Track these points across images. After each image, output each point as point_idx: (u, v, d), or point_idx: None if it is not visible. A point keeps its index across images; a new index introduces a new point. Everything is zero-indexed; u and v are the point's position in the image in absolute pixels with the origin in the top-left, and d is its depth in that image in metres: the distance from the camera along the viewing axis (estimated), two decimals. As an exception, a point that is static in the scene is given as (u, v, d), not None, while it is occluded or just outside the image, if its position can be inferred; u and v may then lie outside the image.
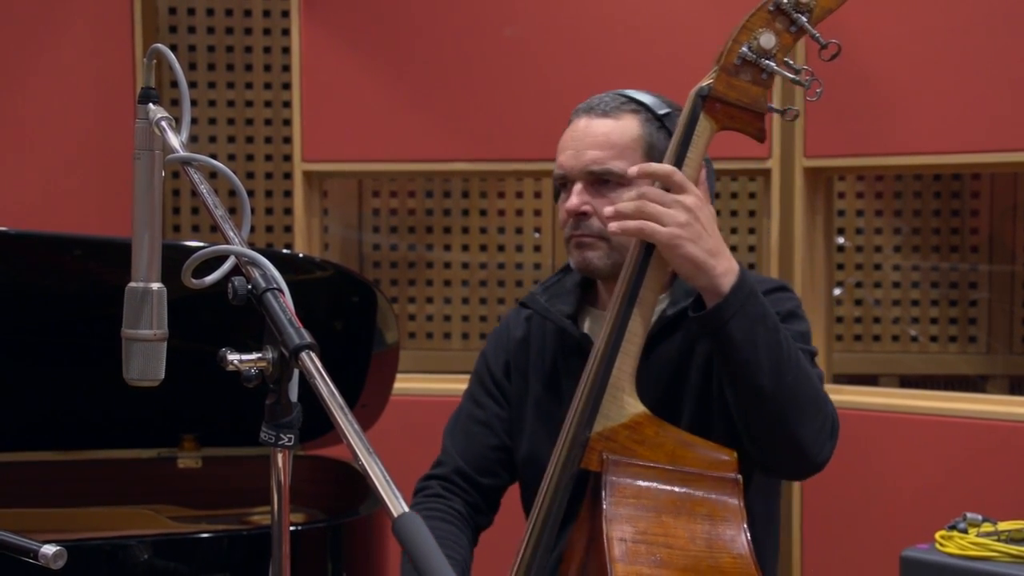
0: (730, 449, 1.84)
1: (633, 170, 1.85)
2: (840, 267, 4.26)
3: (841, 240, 4.28)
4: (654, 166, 1.83)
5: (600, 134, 1.98)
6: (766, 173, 3.61)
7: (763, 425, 1.82)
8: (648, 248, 1.83)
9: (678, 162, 1.83)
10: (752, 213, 4.31)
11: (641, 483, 1.79)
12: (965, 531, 2.33)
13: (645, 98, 2.01)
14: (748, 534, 1.77)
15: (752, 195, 4.29)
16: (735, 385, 1.82)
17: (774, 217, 3.61)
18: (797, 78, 1.78)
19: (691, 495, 1.79)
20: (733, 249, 4.31)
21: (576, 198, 1.99)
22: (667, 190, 1.80)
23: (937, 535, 2.35)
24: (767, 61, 1.77)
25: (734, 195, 4.35)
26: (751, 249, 4.32)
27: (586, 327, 2.11)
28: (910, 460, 3.45)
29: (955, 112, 3.37)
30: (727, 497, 1.79)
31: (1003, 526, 2.33)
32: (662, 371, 2.00)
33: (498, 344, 2.21)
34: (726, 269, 1.78)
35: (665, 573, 1.72)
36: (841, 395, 3.63)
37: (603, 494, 1.77)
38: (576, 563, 1.89)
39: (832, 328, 3.82)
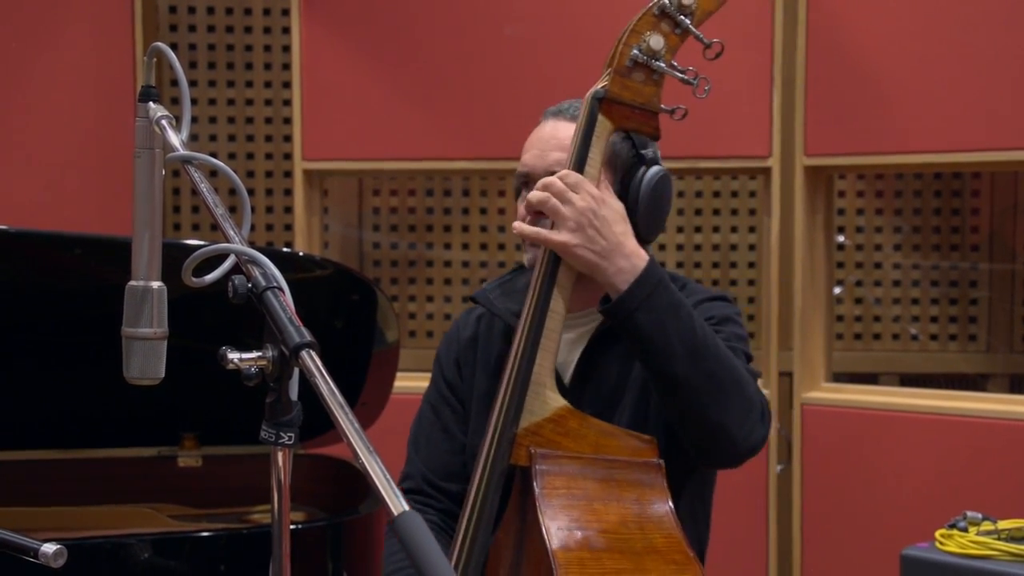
0: (650, 436, 1.90)
1: (534, 191, 1.90)
2: (840, 266, 4.26)
3: (841, 239, 4.28)
4: (551, 179, 1.89)
5: (565, 137, 2.01)
6: (766, 172, 3.61)
7: (686, 412, 1.87)
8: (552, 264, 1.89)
9: (580, 161, 1.89)
10: (752, 212, 4.32)
11: (569, 473, 1.85)
12: (965, 530, 2.33)
13: None
14: (674, 512, 1.85)
15: (752, 194, 4.30)
16: (653, 375, 1.87)
17: (774, 216, 3.61)
18: (686, 77, 1.85)
19: (617, 481, 1.86)
20: (733, 248, 4.34)
21: (536, 195, 1.98)
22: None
23: (937, 534, 2.35)
24: (657, 62, 1.85)
25: (734, 194, 4.35)
26: (751, 248, 4.32)
27: None
28: (910, 459, 3.45)
29: (955, 111, 3.37)
30: (651, 479, 1.87)
31: (1003, 525, 2.33)
32: (601, 383, 2.04)
33: (448, 345, 2.24)
34: (622, 268, 1.84)
35: (604, 555, 1.79)
36: (841, 394, 3.64)
37: (534, 486, 1.83)
38: (506, 563, 1.91)
39: (832, 327, 3.82)
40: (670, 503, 1.86)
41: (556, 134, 2.04)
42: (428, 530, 1.08)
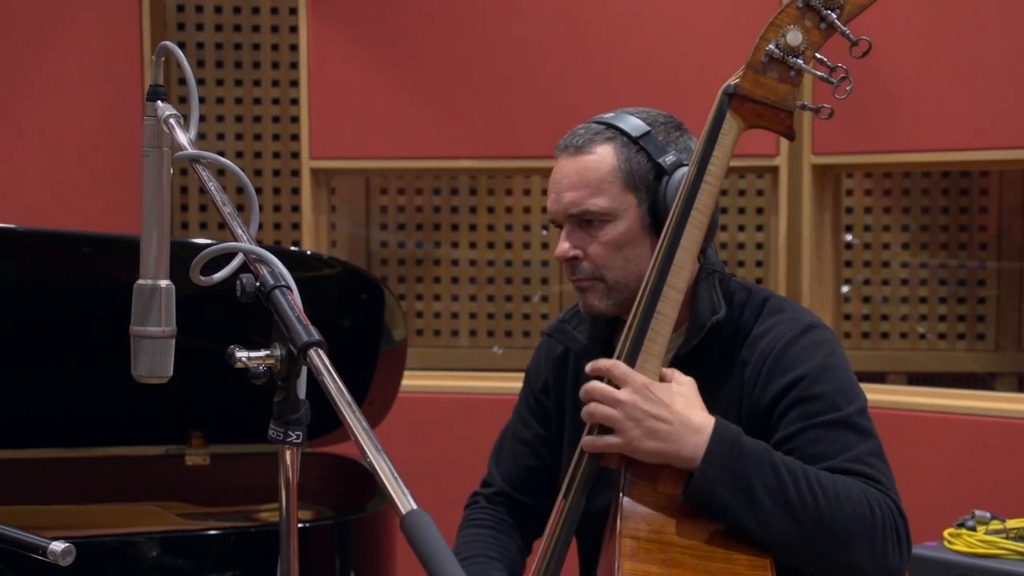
0: None
1: (585, 405, 1.80)
2: (848, 264, 4.26)
3: (849, 237, 4.27)
4: (598, 363, 1.80)
5: (574, 173, 1.92)
6: (774, 170, 3.61)
7: (811, 563, 1.76)
8: (676, 235, 1.80)
9: (703, 162, 1.79)
10: (760, 210, 4.31)
11: (658, 480, 1.77)
12: (973, 529, 2.32)
13: (624, 121, 1.94)
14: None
15: (760, 192, 4.29)
16: (762, 543, 1.73)
17: (782, 214, 3.61)
18: (826, 76, 1.76)
19: None
20: (741, 247, 4.33)
21: (564, 243, 1.95)
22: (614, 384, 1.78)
23: (945, 533, 2.35)
24: (795, 59, 1.75)
25: (742, 192, 4.34)
26: (759, 247, 4.32)
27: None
28: (918, 458, 3.45)
29: (963, 109, 3.36)
30: None
31: (1011, 524, 2.33)
32: None
33: (538, 361, 2.18)
34: (696, 443, 1.73)
35: (675, 572, 1.71)
36: (849, 392, 3.63)
37: (621, 492, 1.76)
38: (604, 566, 1.89)
39: (840, 325, 3.81)
40: None
41: (565, 173, 1.94)
42: (436, 529, 1.08)
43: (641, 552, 1.71)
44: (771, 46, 1.75)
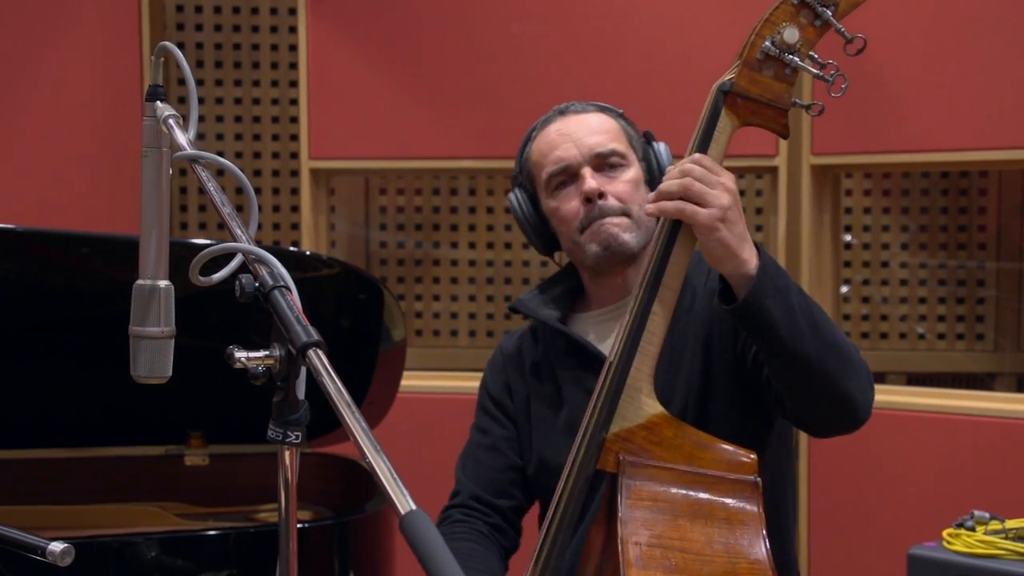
0: (749, 450, 1.81)
1: (669, 180, 1.81)
2: (847, 265, 4.26)
3: (848, 238, 4.27)
4: (689, 164, 1.78)
5: (588, 124, 2.07)
6: (773, 171, 3.61)
7: (816, 389, 1.81)
8: (672, 232, 1.80)
9: None
10: (759, 211, 4.31)
11: (657, 486, 1.76)
12: (973, 529, 2.32)
13: (601, 105, 2.12)
14: (767, 540, 1.75)
15: (759, 192, 4.29)
16: (782, 359, 1.79)
17: (781, 215, 3.61)
18: (821, 73, 1.76)
19: (709, 499, 1.76)
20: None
21: (592, 180, 2.03)
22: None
23: (944, 533, 2.35)
24: (790, 56, 1.74)
25: (741, 192, 4.31)
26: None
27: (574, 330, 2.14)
28: (917, 458, 3.45)
29: (962, 109, 3.36)
30: (745, 501, 1.76)
31: (1011, 524, 2.33)
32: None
33: (493, 368, 2.26)
34: (753, 252, 1.77)
35: None
36: (848, 393, 3.63)
37: (619, 497, 1.75)
38: (594, 563, 1.89)
39: (840, 325, 3.81)
40: (764, 527, 1.75)
41: (581, 123, 2.08)
42: (436, 529, 1.08)
43: (645, 558, 1.70)
44: (767, 43, 1.75)
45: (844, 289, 4.20)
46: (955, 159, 3.49)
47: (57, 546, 1.52)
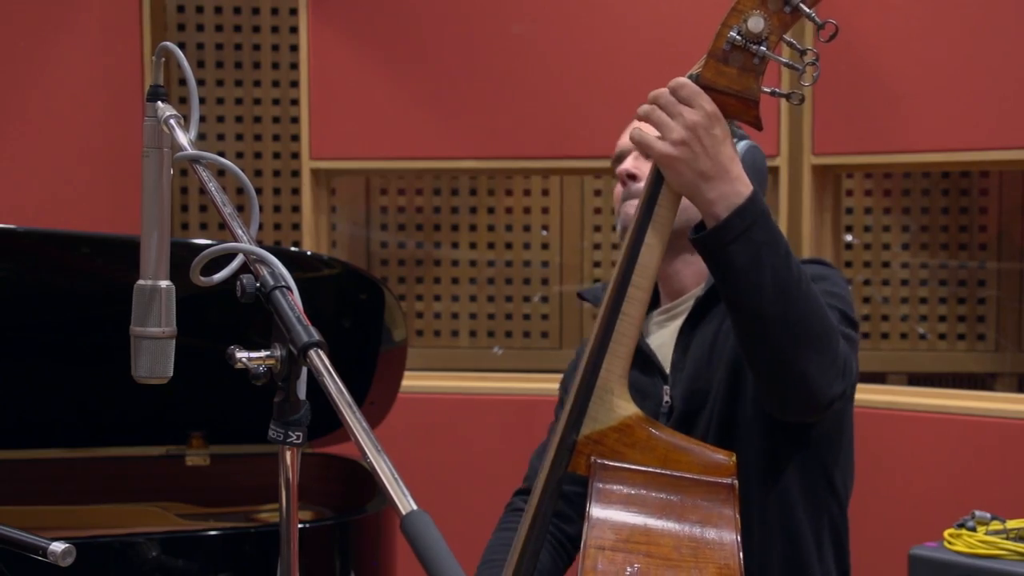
0: (729, 451, 1.77)
1: (644, 105, 1.77)
2: (848, 265, 4.26)
3: (849, 238, 4.27)
4: (661, 90, 1.74)
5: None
6: (774, 171, 3.60)
7: (768, 355, 1.76)
8: (641, 229, 1.76)
9: None
10: (760, 211, 4.31)
11: (628, 488, 1.72)
12: (974, 529, 2.32)
13: None
14: (740, 543, 1.69)
15: (760, 193, 4.29)
16: (737, 311, 1.76)
17: (782, 214, 3.61)
18: (791, 63, 1.71)
19: (681, 501, 1.72)
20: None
21: (629, 161, 2.07)
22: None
23: (945, 533, 2.35)
24: (758, 46, 1.69)
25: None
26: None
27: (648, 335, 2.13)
28: (918, 458, 3.45)
29: (963, 109, 3.36)
30: (720, 504, 1.71)
31: (1011, 524, 2.33)
32: (698, 352, 2.02)
33: (571, 362, 2.26)
34: (725, 193, 1.70)
35: None
36: (849, 393, 3.63)
37: (589, 499, 1.71)
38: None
39: (840, 326, 3.80)
40: (737, 530, 1.69)
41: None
42: (437, 529, 1.08)
43: (605, 562, 1.66)
44: (732, 33, 1.70)
45: (845, 289, 4.20)
46: (956, 159, 3.49)
47: (58, 546, 1.51)
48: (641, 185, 1.96)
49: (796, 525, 2.04)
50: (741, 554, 1.68)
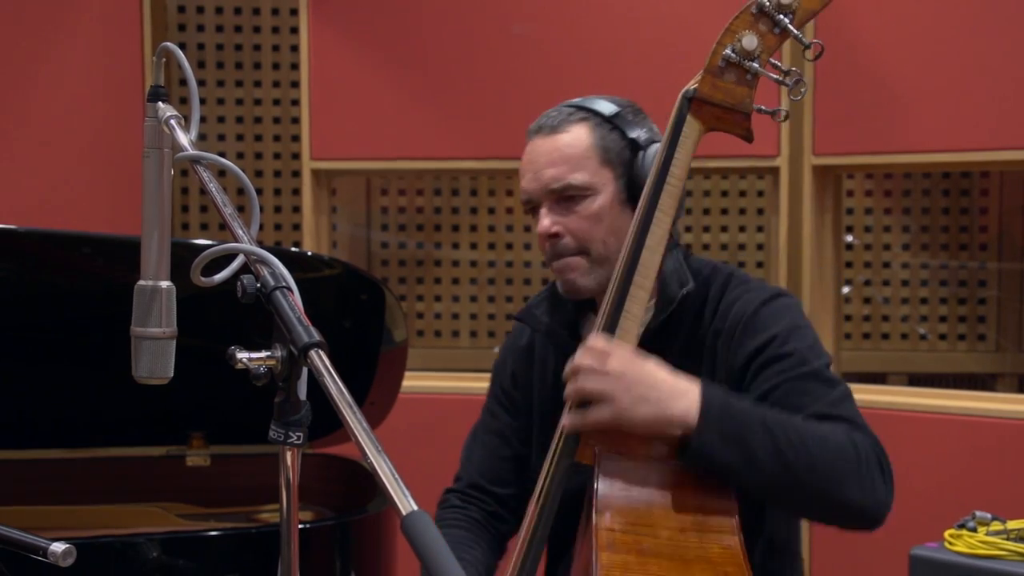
0: None
1: (568, 384, 1.81)
2: (849, 265, 4.26)
3: (850, 238, 4.27)
4: (576, 362, 1.79)
5: (553, 150, 2.00)
6: (775, 171, 3.61)
7: (809, 506, 1.85)
8: (640, 236, 1.82)
9: (665, 163, 1.83)
10: (761, 211, 4.31)
11: (632, 476, 1.80)
12: (974, 530, 2.32)
13: (594, 103, 2.03)
14: (738, 524, 1.78)
15: (760, 193, 4.29)
16: (757, 496, 1.83)
17: (782, 215, 3.61)
18: (781, 79, 1.79)
19: (683, 488, 1.80)
20: (741, 248, 4.33)
21: (546, 220, 2.00)
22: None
23: (946, 533, 2.35)
24: (750, 63, 1.78)
25: (743, 193, 4.34)
26: (759, 247, 4.32)
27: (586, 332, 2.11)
28: (919, 458, 3.45)
29: (964, 110, 3.36)
30: (720, 491, 1.80)
31: (1012, 525, 2.33)
32: None
33: (505, 354, 2.25)
34: (686, 408, 1.75)
35: (651, 562, 1.74)
36: (850, 393, 3.63)
37: (595, 488, 1.78)
38: (583, 556, 1.90)
39: (841, 326, 3.81)
40: (736, 514, 1.79)
41: (542, 150, 2.02)
42: (437, 529, 1.08)
43: (617, 543, 1.74)
44: (727, 51, 1.80)
45: (845, 290, 4.20)
46: (956, 159, 3.49)
47: (59, 546, 1.52)
48: (567, 240, 1.98)
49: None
50: (741, 535, 1.77)
